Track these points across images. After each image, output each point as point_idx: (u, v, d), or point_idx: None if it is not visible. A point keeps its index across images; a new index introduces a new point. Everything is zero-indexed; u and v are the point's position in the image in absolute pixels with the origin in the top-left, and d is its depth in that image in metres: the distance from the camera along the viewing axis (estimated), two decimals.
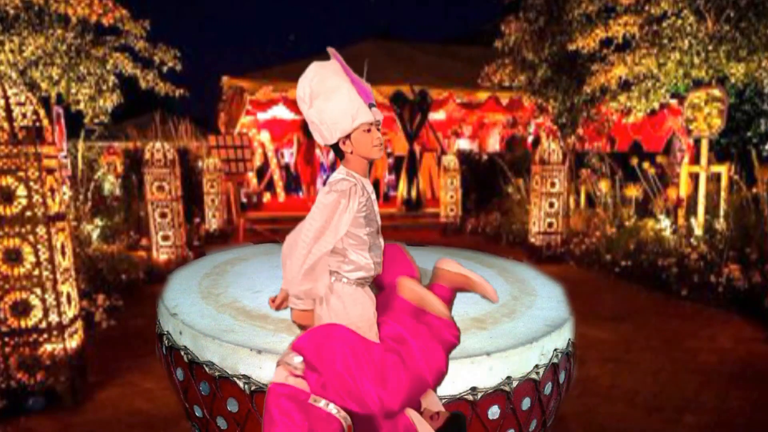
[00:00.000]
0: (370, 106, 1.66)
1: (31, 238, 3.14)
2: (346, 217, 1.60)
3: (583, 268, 7.13)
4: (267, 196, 13.86)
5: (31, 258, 3.17)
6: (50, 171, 3.21)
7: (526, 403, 1.86)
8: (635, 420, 3.13)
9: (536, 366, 1.87)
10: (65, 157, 7.34)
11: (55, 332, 3.26)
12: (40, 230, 3.16)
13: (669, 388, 3.54)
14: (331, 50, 1.67)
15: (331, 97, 1.63)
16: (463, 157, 11.82)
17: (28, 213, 3.13)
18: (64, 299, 3.30)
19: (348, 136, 1.66)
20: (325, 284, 1.63)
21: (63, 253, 3.30)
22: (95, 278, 5.44)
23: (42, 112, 3.19)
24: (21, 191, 3.10)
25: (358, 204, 1.63)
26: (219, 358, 1.77)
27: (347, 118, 1.63)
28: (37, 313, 3.21)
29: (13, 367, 3.19)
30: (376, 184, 13.76)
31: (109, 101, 6.84)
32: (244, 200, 12.01)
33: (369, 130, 1.66)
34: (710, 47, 6.57)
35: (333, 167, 15.69)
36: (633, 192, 7.73)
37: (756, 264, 5.44)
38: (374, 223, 1.71)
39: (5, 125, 3.03)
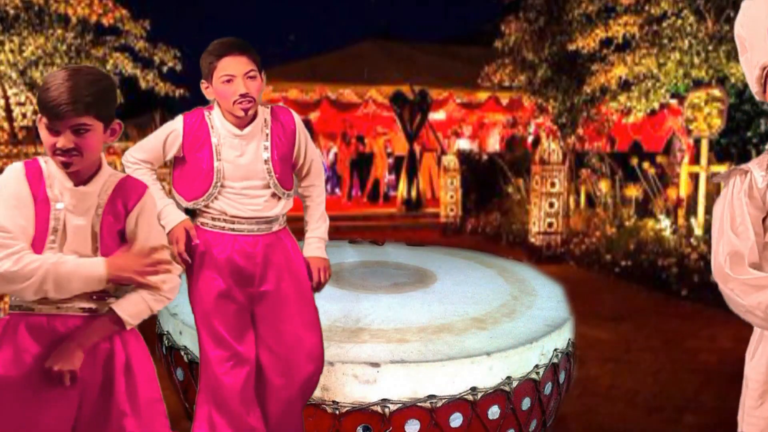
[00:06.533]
0: None
1: None
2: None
3: (583, 268, 7.12)
4: None
5: None
6: None
7: (526, 403, 1.87)
8: (635, 420, 3.13)
9: (536, 366, 1.87)
10: None
11: None
12: None
13: (669, 388, 3.54)
14: None
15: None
16: (463, 157, 11.81)
17: None
18: None
19: None
20: None
21: None
22: None
23: None
24: None
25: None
26: None
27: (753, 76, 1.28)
28: None
29: None
30: (376, 184, 13.73)
31: None
32: None
33: None
34: (710, 47, 6.57)
35: (333, 167, 15.61)
36: (633, 192, 7.73)
37: None
38: None
39: (5, 125, 3.03)
